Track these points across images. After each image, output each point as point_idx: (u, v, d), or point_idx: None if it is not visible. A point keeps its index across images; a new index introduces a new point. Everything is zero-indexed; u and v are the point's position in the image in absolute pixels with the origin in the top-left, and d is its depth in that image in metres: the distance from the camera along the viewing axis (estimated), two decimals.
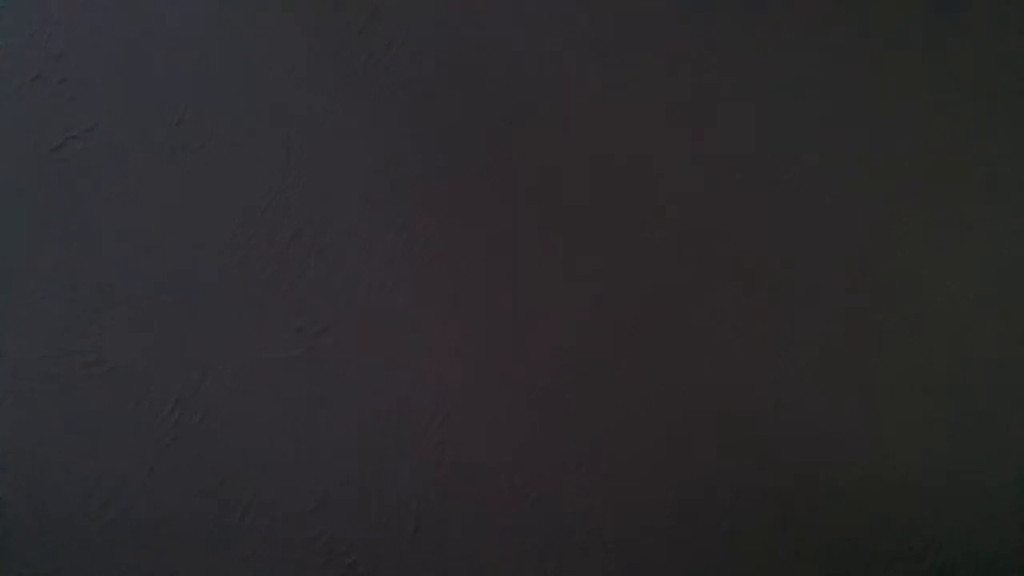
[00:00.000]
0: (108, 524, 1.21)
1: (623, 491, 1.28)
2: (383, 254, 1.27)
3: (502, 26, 1.30)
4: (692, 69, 1.32)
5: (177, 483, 1.22)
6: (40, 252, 1.22)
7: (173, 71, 1.25)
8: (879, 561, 1.30)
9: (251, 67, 1.26)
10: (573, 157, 1.30)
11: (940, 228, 1.33)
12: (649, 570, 1.28)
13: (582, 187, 1.30)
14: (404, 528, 1.25)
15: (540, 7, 1.31)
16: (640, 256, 1.30)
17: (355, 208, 1.27)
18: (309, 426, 1.25)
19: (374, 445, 1.26)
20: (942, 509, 1.31)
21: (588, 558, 1.28)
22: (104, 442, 1.21)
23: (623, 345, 1.29)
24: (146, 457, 1.22)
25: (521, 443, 1.28)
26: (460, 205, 1.29)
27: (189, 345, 1.23)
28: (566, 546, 1.27)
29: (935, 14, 1.34)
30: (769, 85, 1.33)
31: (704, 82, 1.33)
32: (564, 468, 1.28)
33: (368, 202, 1.27)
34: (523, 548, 1.27)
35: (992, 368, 1.32)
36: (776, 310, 1.31)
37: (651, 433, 1.29)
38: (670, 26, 1.32)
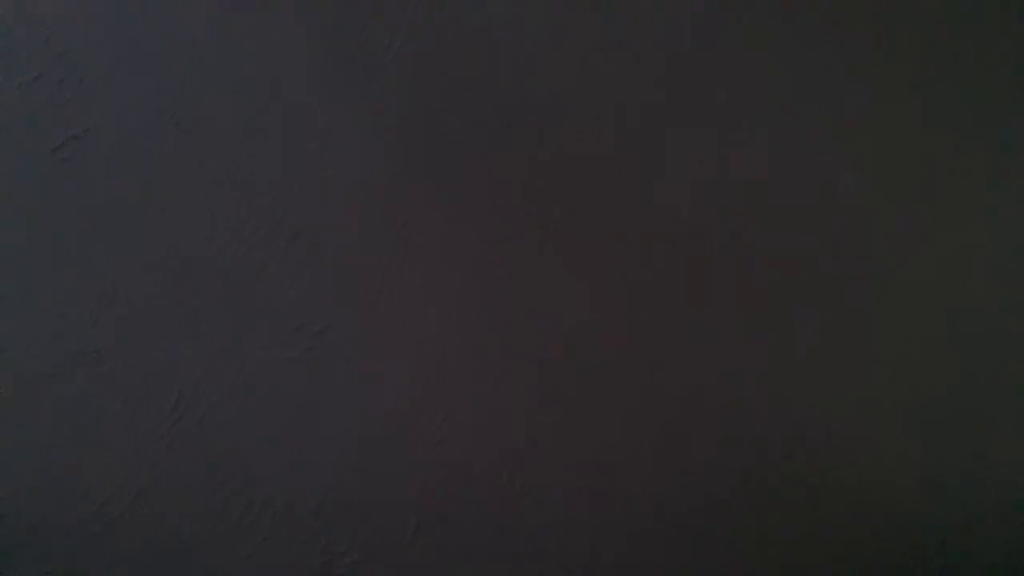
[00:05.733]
0: (108, 524, 1.21)
1: (622, 491, 1.28)
2: (383, 254, 1.27)
3: (502, 27, 1.30)
4: (693, 70, 1.32)
5: (177, 483, 1.22)
6: (40, 252, 1.22)
7: (173, 71, 1.25)
8: (880, 561, 1.30)
9: (251, 67, 1.26)
10: (572, 157, 1.30)
11: (940, 228, 1.33)
12: (649, 570, 1.28)
13: (581, 187, 1.30)
14: (404, 528, 1.25)
15: (540, 7, 1.31)
16: (640, 256, 1.30)
17: (355, 208, 1.27)
18: (309, 426, 1.25)
19: (374, 445, 1.26)
20: (942, 509, 1.31)
21: (588, 558, 1.28)
22: (104, 442, 1.21)
23: (623, 345, 1.29)
24: (146, 457, 1.22)
25: (521, 443, 1.28)
26: (460, 205, 1.29)
27: (189, 345, 1.23)
28: (566, 546, 1.27)
29: (936, 15, 1.34)
30: (770, 86, 1.33)
31: (705, 83, 1.32)
32: (564, 468, 1.28)
33: (367, 202, 1.27)
34: (523, 548, 1.27)
35: (992, 368, 1.32)
36: (776, 310, 1.31)
37: (651, 433, 1.29)
38: (671, 27, 1.32)
